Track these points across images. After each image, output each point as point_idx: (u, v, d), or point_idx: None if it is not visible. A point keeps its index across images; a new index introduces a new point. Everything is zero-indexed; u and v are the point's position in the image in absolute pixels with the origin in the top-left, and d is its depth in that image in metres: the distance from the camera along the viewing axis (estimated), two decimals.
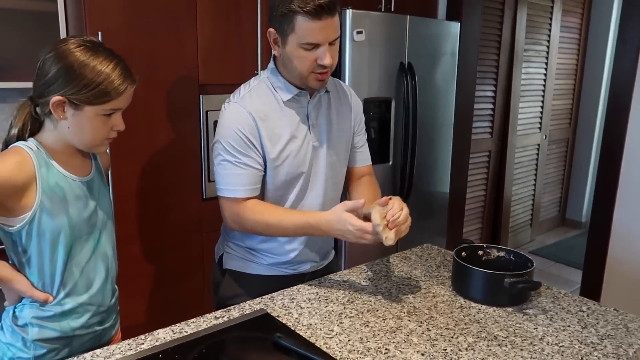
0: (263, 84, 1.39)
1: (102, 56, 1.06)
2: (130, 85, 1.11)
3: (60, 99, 1.05)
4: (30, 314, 1.12)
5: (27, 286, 1.10)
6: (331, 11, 1.24)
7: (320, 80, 1.33)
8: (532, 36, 4.03)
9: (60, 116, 1.07)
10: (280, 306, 1.26)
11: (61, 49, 1.05)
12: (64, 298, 1.14)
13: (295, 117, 1.39)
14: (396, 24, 2.69)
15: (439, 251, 1.68)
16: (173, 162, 2.25)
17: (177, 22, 2.14)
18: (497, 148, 4.00)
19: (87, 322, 1.18)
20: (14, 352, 1.12)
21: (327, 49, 1.27)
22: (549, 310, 1.27)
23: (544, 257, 4.21)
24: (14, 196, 1.04)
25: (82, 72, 1.04)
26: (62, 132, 1.10)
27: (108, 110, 1.09)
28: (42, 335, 1.13)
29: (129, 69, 1.11)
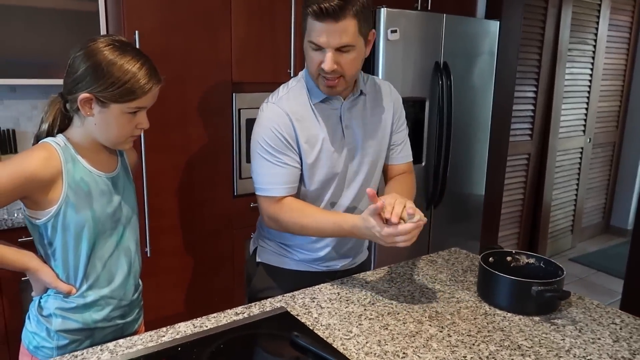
0: (300, 84, 1.41)
1: (129, 55, 1.09)
2: (156, 85, 1.13)
3: (87, 96, 1.08)
4: (54, 304, 1.15)
5: (52, 277, 1.14)
6: (335, 16, 1.20)
7: (328, 86, 1.32)
8: (577, 35, 3.88)
9: (87, 113, 1.10)
10: (300, 305, 1.26)
11: (90, 48, 1.08)
12: (86, 290, 1.17)
13: (329, 119, 1.39)
14: (432, 23, 2.65)
15: (467, 255, 1.64)
16: (205, 159, 2.29)
17: (211, 21, 2.18)
18: (537, 151, 3.87)
19: (108, 315, 1.20)
20: (39, 341, 1.16)
21: (333, 54, 1.25)
22: (579, 322, 1.22)
23: (585, 265, 4.05)
24: (40, 190, 1.08)
25: (110, 71, 1.06)
26: (88, 129, 1.14)
27: (133, 109, 1.11)
28: (65, 326, 1.16)
29: (155, 69, 1.13)
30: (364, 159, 1.44)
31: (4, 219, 1.83)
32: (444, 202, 2.89)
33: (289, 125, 1.35)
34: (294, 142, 1.36)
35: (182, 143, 2.21)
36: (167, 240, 2.23)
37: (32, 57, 2.05)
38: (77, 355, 1.02)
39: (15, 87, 2.27)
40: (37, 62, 2.06)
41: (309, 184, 1.41)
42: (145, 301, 2.19)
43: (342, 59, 1.26)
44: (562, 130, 3.99)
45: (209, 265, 2.37)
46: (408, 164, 1.56)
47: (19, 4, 1.98)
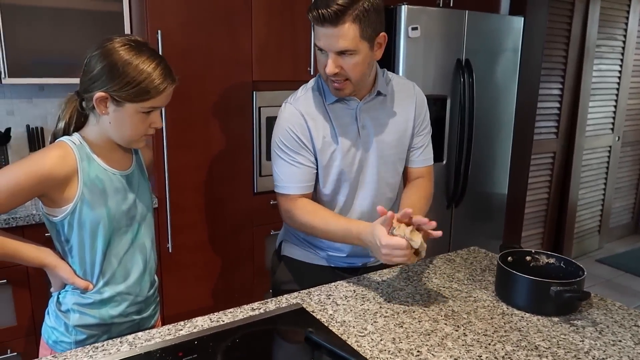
0: (317, 85, 1.42)
1: (144, 56, 1.10)
2: (170, 85, 1.14)
3: (103, 95, 1.09)
4: (72, 300, 1.18)
5: (69, 273, 1.16)
6: (333, 22, 1.20)
7: (335, 89, 1.33)
8: (605, 31, 3.78)
9: (102, 111, 1.12)
10: (316, 302, 1.27)
11: (107, 48, 1.09)
12: (102, 287, 1.19)
13: (344, 119, 1.40)
14: (453, 20, 2.62)
15: (485, 255, 1.62)
16: (226, 156, 2.32)
17: (232, 20, 2.20)
18: (562, 149, 3.79)
19: (124, 311, 1.23)
20: (57, 335, 1.19)
21: (334, 58, 1.25)
22: (600, 323, 1.20)
23: (612, 267, 3.95)
24: (56, 188, 1.10)
25: (125, 71, 1.07)
26: (103, 127, 1.15)
27: (147, 108, 1.13)
28: (83, 321, 1.19)
29: (169, 69, 1.14)
30: (380, 160, 1.44)
31: (32, 214, 1.89)
32: (465, 201, 2.86)
33: (303, 125, 1.37)
34: (309, 142, 1.38)
35: (203, 140, 2.24)
36: (188, 236, 2.27)
37: (59, 57, 2.11)
38: (97, 346, 1.05)
39: (44, 86, 2.34)
40: (64, 61, 2.12)
41: (323, 183, 1.42)
42: (166, 296, 2.25)
43: (345, 63, 1.27)
44: (589, 128, 3.90)
45: (229, 261, 2.41)
46: (427, 168, 1.53)
47: (47, 5, 2.04)
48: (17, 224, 1.86)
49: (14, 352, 1.97)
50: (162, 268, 2.22)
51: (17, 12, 1.98)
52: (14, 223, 1.86)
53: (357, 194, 1.45)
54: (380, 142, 1.43)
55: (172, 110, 2.11)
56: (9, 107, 2.30)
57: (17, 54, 2.02)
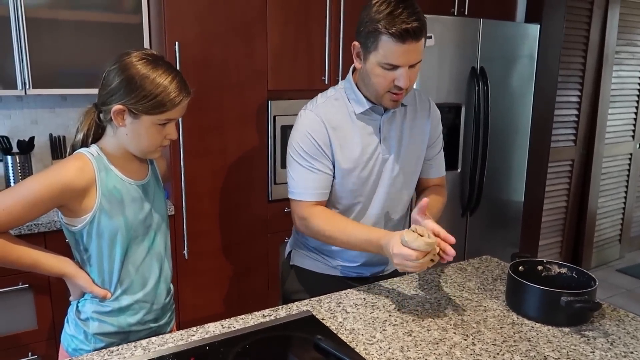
0: (339, 94, 1.43)
1: (161, 69, 1.13)
2: (186, 98, 1.17)
3: (121, 108, 1.12)
4: (91, 308, 1.21)
5: (88, 282, 1.19)
6: (417, 36, 1.22)
7: (394, 100, 1.34)
8: (625, 37, 3.74)
9: (120, 123, 1.15)
10: (326, 309, 1.29)
11: (124, 62, 1.13)
12: (120, 295, 1.22)
13: (367, 128, 1.41)
14: (468, 28, 2.62)
15: (497, 264, 1.62)
16: (242, 164, 2.36)
17: (248, 30, 2.25)
18: (581, 157, 3.74)
19: (142, 319, 1.25)
20: (77, 344, 1.22)
21: (407, 71, 1.27)
22: (611, 334, 1.19)
23: (633, 277, 3.87)
24: (75, 198, 1.13)
25: (142, 84, 1.11)
26: (120, 139, 1.19)
27: (163, 120, 1.16)
28: (102, 329, 1.21)
29: (185, 82, 1.17)
30: (399, 171, 1.45)
31: (54, 220, 1.95)
32: (481, 209, 2.85)
33: (324, 132, 1.38)
34: (328, 149, 1.39)
35: (219, 148, 2.29)
36: (203, 243, 2.31)
37: (81, 68, 2.18)
38: (112, 350, 1.09)
39: (66, 97, 2.42)
40: (85, 72, 2.18)
41: (340, 192, 1.43)
42: (182, 302, 2.28)
43: (412, 73, 1.29)
44: (608, 135, 3.85)
45: (244, 268, 2.44)
46: (441, 179, 1.57)
47: (69, 19, 2.11)
48: (39, 230, 1.92)
49: (35, 355, 2.02)
50: (178, 274, 2.26)
51: (40, 25, 2.06)
52: (36, 229, 1.92)
53: (373, 204, 1.46)
54: (399, 153, 1.44)
55: (188, 119, 2.16)
56: (33, 116, 2.38)
57: (41, 66, 2.09)
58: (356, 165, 1.40)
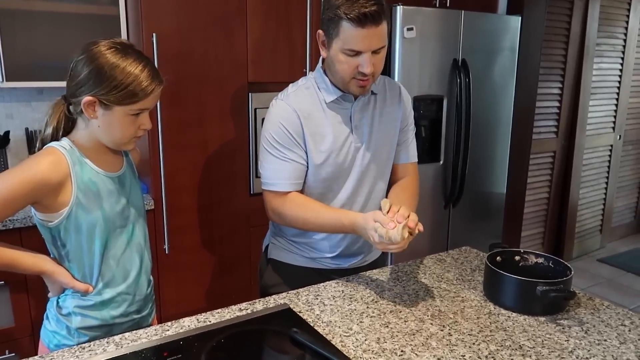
0: (310, 83, 1.43)
1: (131, 58, 1.10)
2: (158, 86, 1.14)
3: (91, 99, 1.09)
4: (73, 303, 1.19)
5: (68, 278, 1.17)
6: (376, 21, 1.23)
7: (361, 87, 1.34)
8: (605, 29, 3.77)
9: (91, 115, 1.12)
10: (304, 302, 1.28)
11: (93, 51, 1.10)
12: (102, 288, 1.20)
13: (338, 118, 1.40)
14: (449, 20, 2.62)
15: (477, 255, 1.62)
16: (222, 158, 2.33)
17: (228, 22, 2.22)
18: (563, 148, 3.78)
19: (125, 311, 1.24)
20: (59, 339, 1.20)
21: (370, 57, 1.27)
22: (586, 323, 1.20)
23: (614, 266, 3.93)
24: (50, 194, 1.10)
25: (112, 74, 1.08)
26: (93, 131, 1.15)
27: (136, 110, 1.13)
28: (85, 323, 1.20)
29: (156, 71, 1.15)
30: (372, 159, 1.45)
31: (29, 216, 1.91)
32: (463, 201, 2.86)
33: (296, 122, 1.37)
34: (301, 138, 1.38)
35: (199, 142, 2.26)
36: (185, 238, 2.29)
37: (57, 61, 2.13)
38: (84, 347, 1.07)
39: (42, 90, 2.37)
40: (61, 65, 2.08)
41: (313, 181, 1.43)
42: (164, 297, 2.26)
43: (376, 59, 1.29)
44: (590, 127, 3.89)
45: (227, 263, 2.42)
46: (412, 165, 1.56)
47: (44, 10, 2.06)
48: (14, 226, 1.89)
49: (12, 352, 1.99)
50: (158, 270, 2.23)
51: (14, 16, 2.01)
52: (10, 225, 1.88)
53: (345, 193, 1.45)
54: (371, 141, 1.44)
55: (168, 113, 2.13)
56: (8, 110, 2.32)
57: (15, 58, 2.04)
58: (329, 154, 1.39)
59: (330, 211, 1.36)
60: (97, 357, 1.03)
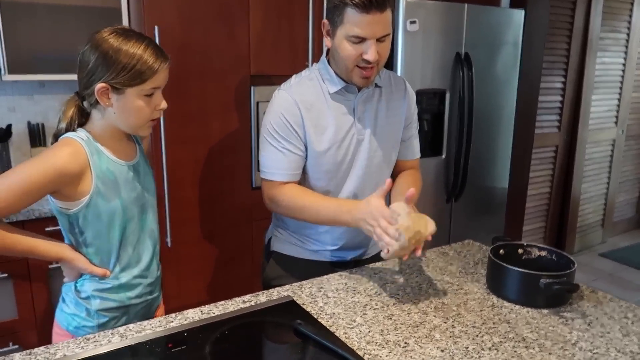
0: (313, 75, 1.42)
1: (133, 39, 1.12)
2: (163, 63, 1.16)
3: (103, 86, 1.11)
4: (92, 287, 1.23)
5: (86, 264, 1.21)
6: (380, 7, 1.23)
7: (364, 77, 1.33)
8: (609, 23, 3.75)
9: (106, 103, 1.14)
10: (307, 294, 1.28)
11: (96, 39, 1.12)
12: (119, 273, 1.25)
13: (341, 109, 1.40)
14: (453, 13, 2.61)
15: (479, 248, 1.63)
16: (225, 151, 2.33)
17: (230, 15, 2.21)
18: (565, 143, 3.77)
19: (140, 293, 1.29)
20: (79, 321, 1.24)
21: (374, 44, 1.27)
22: (589, 315, 1.20)
23: (616, 261, 3.93)
24: (70, 184, 1.13)
25: (117, 57, 1.10)
26: (109, 119, 1.18)
27: (148, 90, 1.15)
28: (104, 305, 1.24)
29: (159, 48, 1.17)
30: (374, 153, 1.45)
31: (32, 209, 1.91)
32: (465, 196, 2.86)
33: (296, 113, 1.37)
34: (301, 130, 1.38)
35: (201, 135, 2.26)
36: (187, 231, 2.29)
37: (59, 54, 2.12)
38: (88, 338, 1.07)
39: (44, 83, 2.36)
40: (64, 58, 2.13)
41: (314, 172, 1.43)
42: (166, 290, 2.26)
43: (380, 47, 1.29)
44: (592, 121, 3.88)
45: (229, 256, 2.42)
46: (415, 161, 1.56)
47: (46, 2, 2.05)
48: (17, 218, 1.89)
49: (16, 344, 2.00)
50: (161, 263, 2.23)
51: (16, 9, 2.00)
52: (14, 218, 1.88)
53: (348, 185, 1.45)
54: (374, 134, 1.44)
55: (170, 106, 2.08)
56: (10, 103, 2.32)
57: (17, 51, 2.04)
58: (330, 145, 1.39)
59: (326, 201, 1.37)
60: (102, 347, 1.03)
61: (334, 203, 1.35)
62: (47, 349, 1.03)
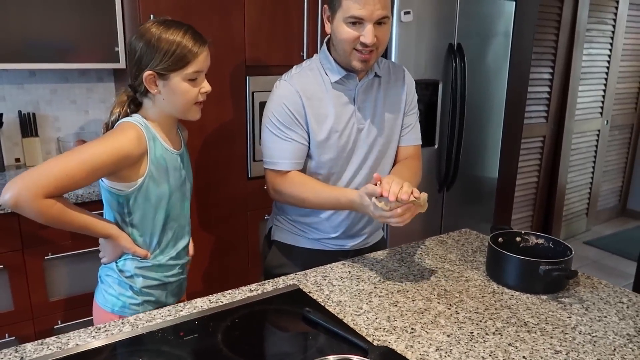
0: (314, 64, 1.44)
1: (172, 27, 1.20)
2: (202, 47, 1.22)
3: (150, 74, 1.19)
4: (133, 265, 1.30)
5: (130, 243, 1.28)
6: None
7: (363, 60, 1.34)
8: (596, 15, 3.81)
9: (154, 90, 1.21)
10: (312, 282, 1.30)
11: (140, 30, 1.21)
12: (158, 254, 1.33)
13: (342, 98, 1.41)
14: (446, 4, 2.63)
15: (477, 236, 1.66)
16: (220, 141, 2.33)
17: (225, 5, 2.20)
18: (552, 133, 3.84)
19: (176, 273, 1.39)
20: (124, 300, 1.30)
21: (372, 26, 1.27)
22: (586, 300, 1.24)
23: (600, 249, 4.04)
24: (130, 167, 1.20)
25: (159, 45, 1.17)
26: (160, 106, 1.24)
27: (191, 74, 1.21)
28: (147, 283, 1.32)
29: (198, 34, 1.23)
30: (374, 141, 1.46)
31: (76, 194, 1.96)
32: (457, 185, 2.90)
33: (298, 102, 1.38)
34: (302, 119, 1.39)
35: (197, 125, 2.23)
36: None
37: (50, 42, 2.09)
38: (99, 327, 1.08)
39: (35, 72, 2.33)
40: (55, 46, 2.10)
41: (316, 162, 1.44)
42: None
43: (379, 31, 1.30)
44: (578, 112, 3.95)
45: (224, 246, 2.43)
46: (416, 147, 1.57)
47: None
48: None
49: (12, 336, 1.98)
50: None
51: None
52: None
53: (350, 173, 1.47)
54: (375, 123, 1.45)
55: None
56: (0, 92, 2.28)
57: (7, 39, 2.00)
58: (331, 134, 1.41)
59: (327, 189, 1.39)
60: (114, 337, 1.04)
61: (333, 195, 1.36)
62: (58, 339, 1.03)
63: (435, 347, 1.03)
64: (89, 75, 2.45)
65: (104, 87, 2.51)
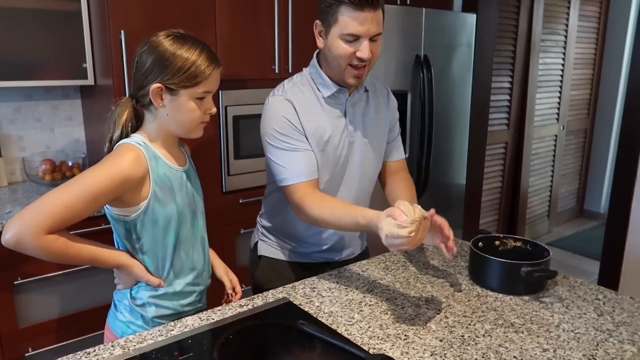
0: (305, 80, 1.43)
1: (188, 44, 1.16)
2: (216, 68, 1.19)
3: (158, 86, 1.14)
4: (147, 294, 1.24)
5: (143, 271, 1.22)
6: (374, 5, 1.26)
7: (357, 76, 1.35)
8: (549, 26, 4.00)
9: (159, 104, 1.16)
10: (302, 295, 1.31)
11: (153, 42, 1.16)
12: (173, 279, 1.26)
13: (334, 112, 1.42)
14: (412, 17, 2.70)
15: (455, 242, 1.70)
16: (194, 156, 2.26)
17: (196, 19, 2.19)
18: (513, 139, 3.99)
19: (192, 301, 1.32)
20: (134, 329, 1.24)
21: (367, 42, 1.29)
22: (566, 299, 1.30)
23: (562, 249, 4.20)
24: (132, 190, 1.15)
25: (173, 60, 1.13)
26: (162, 121, 1.20)
27: (200, 94, 1.17)
28: (159, 312, 1.26)
29: (213, 54, 1.20)
30: (364, 155, 1.49)
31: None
32: (427, 193, 2.97)
33: (295, 114, 1.37)
34: (302, 131, 1.38)
35: None
36: None
37: (14, 59, 2.03)
38: (89, 352, 1.05)
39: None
40: (19, 63, 2.04)
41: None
42: None
43: (373, 47, 1.32)
44: (537, 118, 4.12)
45: None
46: (402, 161, 1.62)
47: (1, 5, 1.95)
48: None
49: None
50: None
51: None
52: None
53: (341, 187, 1.48)
54: (364, 137, 1.48)
55: None
56: None
57: None
58: (325, 149, 1.41)
59: (346, 210, 1.28)
60: None
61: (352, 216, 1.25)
62: None
63: (430, 352, 1.05)
64: (54, 93, 2.39)
65: (70, 104, 2.45)
